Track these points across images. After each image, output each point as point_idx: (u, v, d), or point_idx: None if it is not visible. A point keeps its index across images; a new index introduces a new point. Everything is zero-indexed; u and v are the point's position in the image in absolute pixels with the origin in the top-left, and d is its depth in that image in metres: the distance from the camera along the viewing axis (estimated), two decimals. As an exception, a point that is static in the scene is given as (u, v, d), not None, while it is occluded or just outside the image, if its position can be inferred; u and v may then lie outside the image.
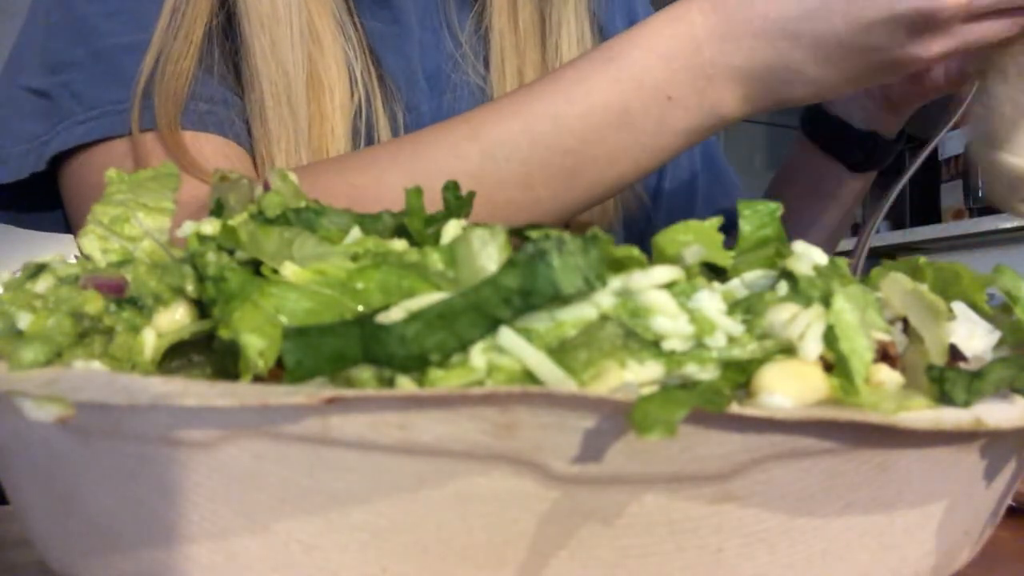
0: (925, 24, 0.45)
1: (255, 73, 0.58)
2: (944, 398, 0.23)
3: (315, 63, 0.60)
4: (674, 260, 0.27)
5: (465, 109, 0.67)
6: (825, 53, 0.46)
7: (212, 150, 0.56)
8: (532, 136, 0.48)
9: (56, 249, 0.34)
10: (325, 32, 0.61)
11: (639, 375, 0.22)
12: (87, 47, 0.57)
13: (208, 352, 0.25)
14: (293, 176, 0.33)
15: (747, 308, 0.24)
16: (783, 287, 0.25)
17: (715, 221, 0.29)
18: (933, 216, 2.66)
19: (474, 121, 0.50)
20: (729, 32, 0.47)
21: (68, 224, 0.62)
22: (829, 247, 0.74)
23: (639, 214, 0.77)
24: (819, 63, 0.46)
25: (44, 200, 0.61)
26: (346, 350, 0.21)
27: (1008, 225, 2.46)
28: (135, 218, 0.33)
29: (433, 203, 0.31)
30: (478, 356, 0.21)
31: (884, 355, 0.24)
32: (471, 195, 0.32)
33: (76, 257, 0.31)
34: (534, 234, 0.25)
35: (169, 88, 0.55)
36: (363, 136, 0.62)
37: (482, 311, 0.21)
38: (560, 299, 0.22)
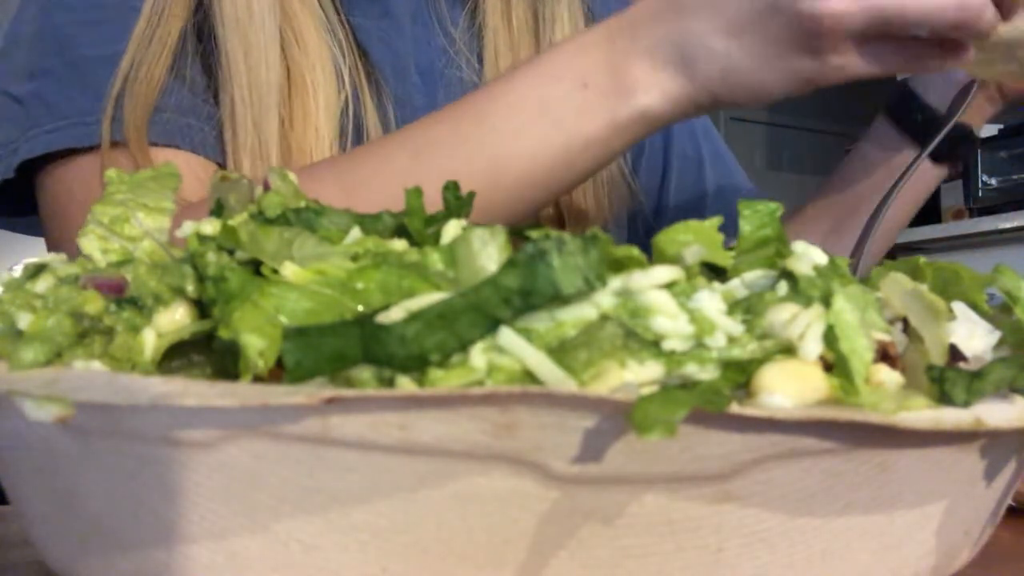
0: None
1: (227, 76, 0.58)
2: (944, 398, 0.23)
3: (297, 64, 0.60)
4: (674, 260, 0.27)
5: None
6: (724, 18, 0.46)
7: (180, 165, 0.56)
8: (457, 135, 0.49)
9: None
10: (309, 32, 0.61)
11: (639, 375, 0.22)
12: (61, 57, 0.58)
13: (208, 352, 0.25)
14: (293, 176, 0.33)
15: (747, 308, 0.24)
16: (783, 287, 0.25)
17: (715, 221, 0.29)
18: (933, 216, 2.66)
19: (408, 130, 0.51)
20: (637, 19, 0.48)
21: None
22: (890, 236, 0.72)
23: (644, 214, 0.77)
24: (720, 31, 0.46)
25: (33, 204, 0.61)
26: (346, 350, 0.21)
27: (1008, 225, 2.46)
28: (135, 218, 0.33)
29: (370, 207, 0.31)
30: (478, 356, 0.21)
31: (884, 355, 0.24)
32: (471, 195, 0.32)
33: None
34: (534, 234, 0.25)
35: (139, 95, 0.55)
36: (351, 134, 0.62)
37: (482, 311, 0.21)
38: (560, 299, 0.22)
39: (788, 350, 0.23)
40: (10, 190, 0.59)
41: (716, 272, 0.28)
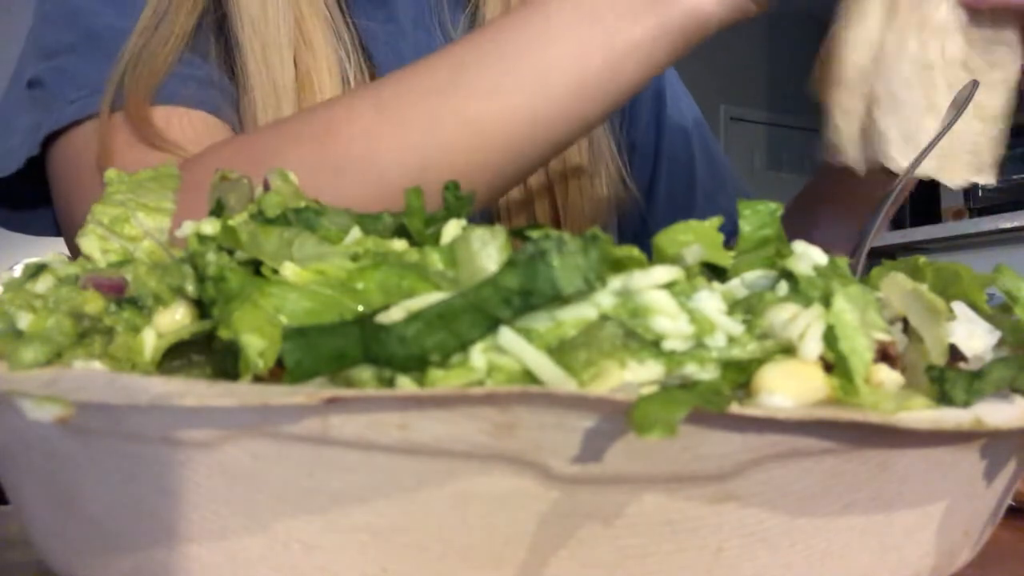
0: None
1: (248, 75, 0.58)
2: (944, 398, 0.23)
3: (305, 64, 0.60)
4: (674, 260, 0.27)
5: None
6: None
7: (187, 122, 0.55)
8: (499, 47, 0.48)
9: (56, 249, 0.34)
10: (316, 34, 0.61)
11: (639, 375, 0.22)
12: (79, 30, 0.57)
13: (208, 352, 0.25)
14: (293, 176, 0.33)
15: (747, 308, 0.24)
16: (783, 287, 0.25)
17: (715, 221, 0.29)
18: (933, 216, 2.67)
19: (448, 47, 0.49)
20: None
21: (56, 221, 0.62)
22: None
23: (634, 215, 0.77)
24: None
25: (36, 202, 0.61)
26: (346, 350, 0.21)
27: (1008, 225, 2.47)
28: (135, 218, 0.33)
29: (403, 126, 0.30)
30: (478, 356, 0.21)
31: (884, 355, 0.24)
32: (471, 195, 0.32)
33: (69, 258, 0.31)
34: (534, 234, 0.25)
35: (144, 69, 0.54)
36: None
37: (482, 311, 0.21)
38: (560, 299, 0.22)
39: (788, 350, 0.23)
40: (11, 187, 0.59)
41: (716, 272, 0.28)
